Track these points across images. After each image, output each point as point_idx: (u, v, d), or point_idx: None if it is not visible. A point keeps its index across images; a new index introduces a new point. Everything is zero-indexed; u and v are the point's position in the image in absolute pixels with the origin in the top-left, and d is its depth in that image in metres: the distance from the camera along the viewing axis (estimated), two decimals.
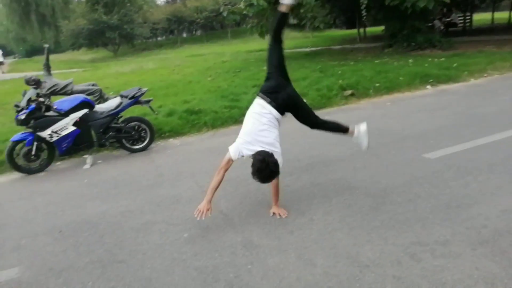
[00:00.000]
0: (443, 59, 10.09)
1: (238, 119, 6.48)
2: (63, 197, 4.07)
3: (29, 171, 4.97)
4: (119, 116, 5.39)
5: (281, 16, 3.17)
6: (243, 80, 9.47)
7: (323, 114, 6.52)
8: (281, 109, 3.13)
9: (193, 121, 6.43)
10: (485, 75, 8.42)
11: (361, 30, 20.54)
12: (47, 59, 6.58)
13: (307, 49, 17.27)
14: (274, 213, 3.14)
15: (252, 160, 2.95)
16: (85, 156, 5.34)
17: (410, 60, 10.15)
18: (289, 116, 3.35)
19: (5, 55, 25.45)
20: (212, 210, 2.99)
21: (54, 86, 6.20)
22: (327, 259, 2.50)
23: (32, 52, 44.49)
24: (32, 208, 3.87)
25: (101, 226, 3.29)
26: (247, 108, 6.96)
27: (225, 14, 13.47)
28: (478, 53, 10.71)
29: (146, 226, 3.21)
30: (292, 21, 17.07)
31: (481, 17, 24.42)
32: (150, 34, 35.56)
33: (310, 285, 2.27)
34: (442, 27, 18.03)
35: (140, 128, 5.45)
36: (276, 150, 3.01)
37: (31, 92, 5.06)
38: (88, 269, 2.68)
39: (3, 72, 24.22)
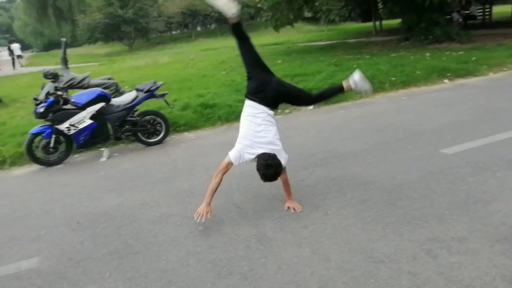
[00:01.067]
0: (461, 52, 9.90)
1: None
2: (81, 189, 4.15)
3: (47, 163, 5.07)
4: (135, 109, 5.44)
5: (233, 27, 3.05)
6: None
7: (338, 108, 6.50)
8: (273, 104, 3.12)
9: (208, 115, 6.46)
10: (505, 69, 8.22)
11: (377, 23, 20.22)
12: (65, 53, 6.66)
13: (322, 43, 17.12)
14: (288, 207, 3.14)
15: (254, 163, 2.97)
16: (101, 149, 5.42)
17: (428, 54, 9.98)
18: (303, 111, 3.33)
19: (23, 49, 25.91)
20: (211, 212, 3.01)
21: (71, 79, 6.28)
22: (342, 254, 2.49)
23: (49, 46, 45.19)
24: (50, 200, 3.95)
25: (117, 218, 3.35)
26: None
27: (239, 7, 13.44)
28: (498, 46, 10.46)
29: (161, 219, 3.25)
30: (307, 14, 16.94)
31: (501, 10, 23.79)
32: (164, 28, 35.68)
33: (324, 279, 2.28)
34: (460, 20, 17.63)
35: (156, 122, 5.50)
36: (278, 148, 3.02)
37: (49, 86, 5.14)
38: (106, 260, 2.74)
39: (21, 66, 24.66)
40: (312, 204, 3.20)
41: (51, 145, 5.00)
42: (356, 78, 3.30)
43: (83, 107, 5.02)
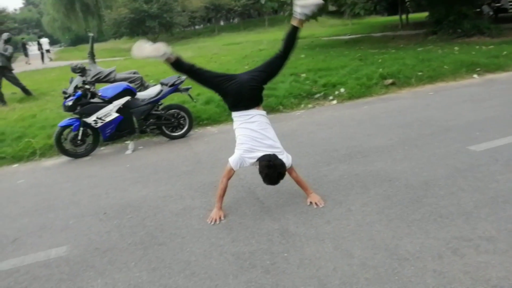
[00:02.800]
0: (491, 46, 9.58)
1: (274, 108, 6.47)
2: (107, 181, 4.25)
3: (75, 155, 5.21)
4: (159, 103, 5.52)
5: (173, 66, 3.05)
6: None
7: (362, 104, 6.41)
8: (259, 100, 3.10)
9: None
10: None
11: (404, 16, 19.76)
12: (92, 47, 6.81)
13: (346, 37, 16.88)
14: (311, 202, 3.13)
15: (256, 166, 2.98)
16: (127, 142, 5.54)
17: (456, 48, 9.70)
18: (326, 106, 3.30)
19: (52, 43, 26.60)
20: (224, 214, 3.10)
21: (98, 73, 6.43)
22: (365, 251, 2.47)
23: (77, 41, 46.25)
24: (78, 191, 4.07)
25: (142, 210, 3.42)
26: (284, 96, 6.94)
27: (263, 1, 13.38)
28: None
29: (185, 211, 3.30)
30: (331, 8, 16.69)
31: None
32: (188, 23, 35.92)
33: (347, 275, 2.26)
34: (491, 13, 17.00)
35: (179, 116, 5.57)
36: (278, 150, 3.01)
37: (77, 80, 5.27)
38: (131, 250, 2.80)
39: (50, 60, 25.35)
40: (335, 199, 3.18)
41: (79, 137, 5.14)
42: (299, 11, 2.99)
43: (109, 101, 5.12)
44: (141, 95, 5.45)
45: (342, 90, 6.95)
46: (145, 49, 2.92)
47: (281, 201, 3.27)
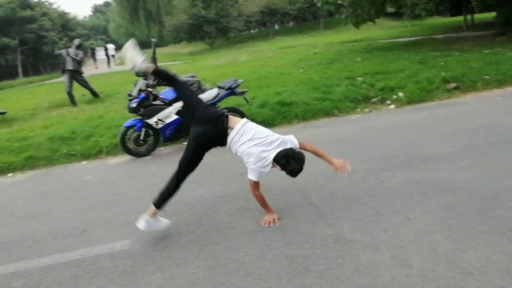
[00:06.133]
0: None
1: (329, 112, 6.40)
2: (166, 179, 4.42)
3: (137, 155, 5.49)
4: (216, 106, 5.66)
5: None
6: (335, 71, 9.27)
7: (422, 108, 6.16)
8: (223, 114, 3.16)
9: (285, 112, 6.50)
10: None
11: (468, 17, 18.68)
12: (154, 52, 7.12)
13: (405, 39, 16.26)
14: (336, 169, 3.08)
15: (275, 169, 2.98)
16: (185, 143, 5.73)
17: None
18: (383, 110, 3.21)
19: (117, 49, 28.32)
20: (278, 217, 3.12)
21: None
22: (425, 262, 2.37)
23: (140, 46, 48.62)
24: (140, 188, 4.29)
25: (199, 209, 3.54)
26: (339, 100, 6.86)
27: (319, 4, 13.28)
28: None
29: (239, 212, 3.37)
30: (389, 9, 16.19)
31: None
32: (244, 27, 36.53)
33: (405, 286, 2.19)
34: None
35: None
36: (279, 141, 3.01)
37: (141, 83, 5.55)
38: (188, 247, 2.91)
39: (115, 64, 26.93)
40: (393, 207, 3.08)
41: (141, 137, 5.41)
42: (137, 70, 3.24)
43: (170, 103, 5.35)
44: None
45: (400, 94, 6.72)
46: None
47: (335, 207, 3.23)
